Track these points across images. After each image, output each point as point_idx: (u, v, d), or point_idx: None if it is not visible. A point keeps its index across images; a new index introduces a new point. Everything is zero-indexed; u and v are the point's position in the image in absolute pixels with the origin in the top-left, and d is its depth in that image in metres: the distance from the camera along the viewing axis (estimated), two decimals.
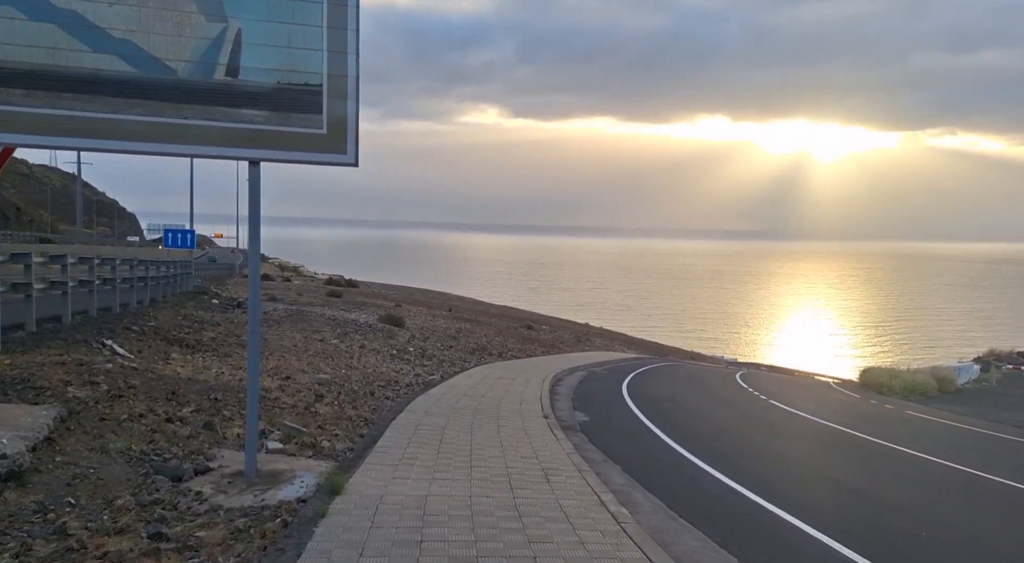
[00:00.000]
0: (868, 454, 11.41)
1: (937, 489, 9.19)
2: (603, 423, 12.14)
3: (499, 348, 25.68)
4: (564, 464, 7.82)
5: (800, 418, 15.92)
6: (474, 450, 8.19)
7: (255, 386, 6.82)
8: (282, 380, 12.88)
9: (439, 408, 11.30)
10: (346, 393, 12.27)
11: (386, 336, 22.35)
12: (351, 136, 6.57)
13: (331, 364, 15.65)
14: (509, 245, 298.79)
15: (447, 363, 19.47)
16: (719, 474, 8.43)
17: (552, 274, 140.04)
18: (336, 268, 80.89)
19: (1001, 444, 15.14)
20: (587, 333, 43.36)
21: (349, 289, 45.72)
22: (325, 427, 9.14)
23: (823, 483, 8.64)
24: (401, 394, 12.98)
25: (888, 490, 8.52)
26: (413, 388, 13.95)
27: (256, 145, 6.44)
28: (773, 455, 10.66)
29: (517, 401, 12.91)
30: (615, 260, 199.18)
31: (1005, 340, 63.63)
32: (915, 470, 10.26)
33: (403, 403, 11.75)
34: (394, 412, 10.69)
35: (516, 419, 10.70)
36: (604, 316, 69.01)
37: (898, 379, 29.97)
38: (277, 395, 11.22)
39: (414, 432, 9.12)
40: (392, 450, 7.97)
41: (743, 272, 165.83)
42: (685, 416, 14.55)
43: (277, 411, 9.68)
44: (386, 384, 13.93)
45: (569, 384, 18.25)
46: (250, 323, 6.69)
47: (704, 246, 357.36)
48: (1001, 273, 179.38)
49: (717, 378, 27.67)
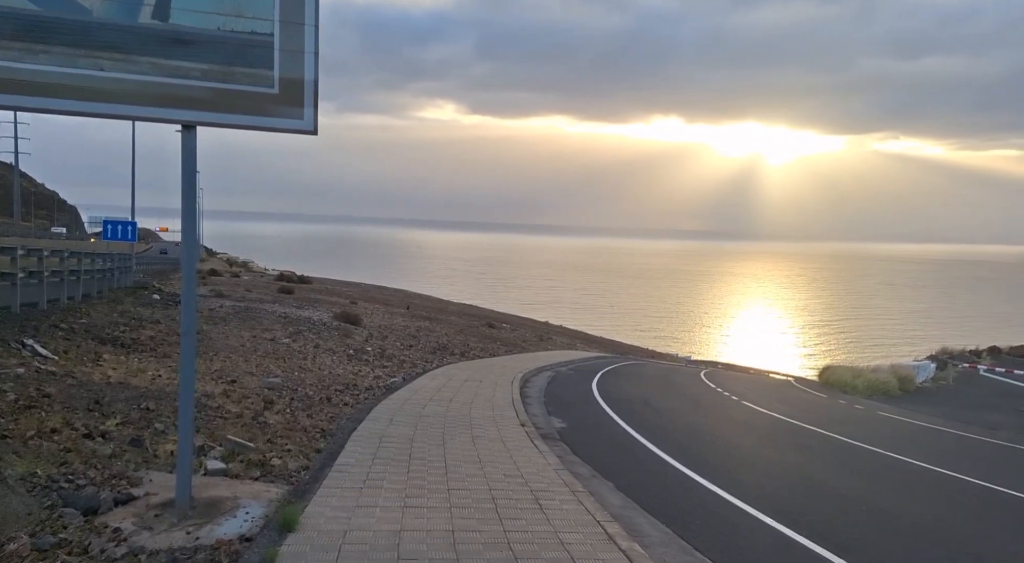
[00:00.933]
0: (868, 464, 10.70)
1: (953, 503, 8.49)
2: (582, 430, 11.21)
3: (461, 347, 24.62)
4: (553, 483, 6.83)
5: (780, 421, 15.26)
6: (450, 467, 7.15)
7: (189, 397, 5.66)
8: (227, 384, 11.62)
9: (405, 415, 10.21)
10: (299, 399, 11.08)
11: (342, 335, 21.09)
12: (309, 97, 5.46)
13: (283, 366, 14.39)
14: (467, 242, 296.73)
15: (408, 364, 18.33)
16: (723, 492, 7.56)
17: (510, 272, 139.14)
18: (288, 264, 78.48)
19: (988, 449, 14.73)
20: (548, 332, 42.54)
21: (302, 285, 44.01)
22: (276, 441, 7.99)
23: (841, 503, 7.80)
24: (361, 399, 11.84)
25: (915, 510, 7.75)
26: (374, 392, 12.81)
27: (191, 106, 5.29)
28: (769, 465, 9.86)
29: (489, 406, 11.90)
30: (573, 258, 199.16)
31: (946, 339, 65.08)
32: (924, 482, 9.55)
33: (364, 410, 10.63)
34: (355, 421, 9.57)
35: (491, 427, 9.69)
36: (562, 314, 68.38)
37: (861, 378, 29.79)
38: (221, 402, 9.99)
39: (379, 445, 8.04)
40: (354, 469, 6.88)
41: (697, 271, 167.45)
42: (664, 420, 13.73)
43: (219, 422, 8.47)
44: (344, 388, 12.77)
45: (538, 385, 17.30)
46: (183, 321, 5.52)
47: (659, 245, 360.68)
48: (939, 273, 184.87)
49: (682, 377, 27.07)
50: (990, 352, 43.12)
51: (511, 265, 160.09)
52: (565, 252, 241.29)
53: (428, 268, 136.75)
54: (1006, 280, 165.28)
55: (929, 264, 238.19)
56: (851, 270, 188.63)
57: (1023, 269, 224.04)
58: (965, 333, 67.35)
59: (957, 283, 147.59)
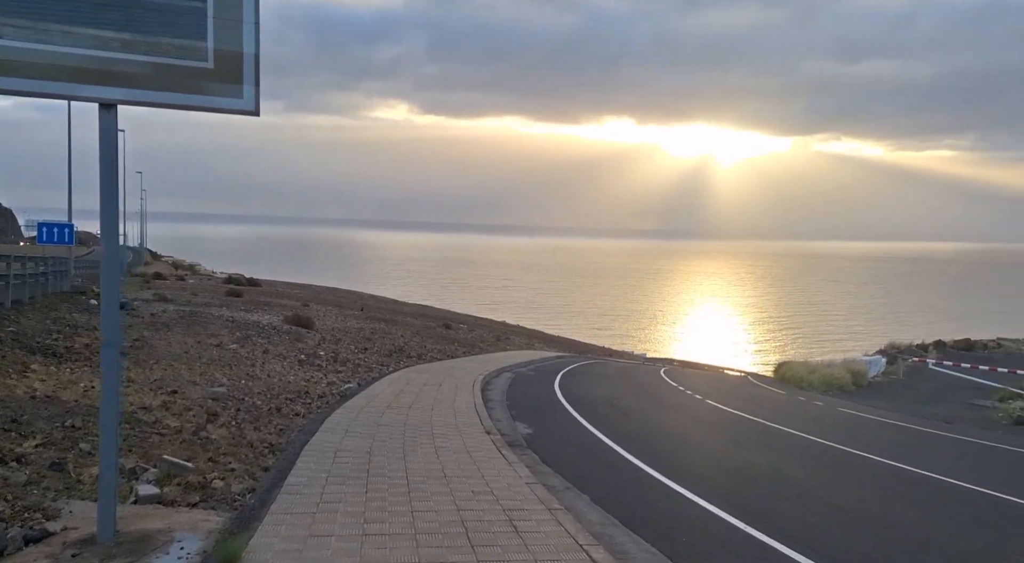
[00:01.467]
0: (850, 468, 10.36)
1: (946, 508, 8.20)
2: (550, 435, 10.68)
3: (418, 349, 23.92)
4: (527, 499, 6.28)
5: (748, 421, 15.00)
6: (413, 485, 6.53)
7: (113, 417, 4.93)
8: (167, 395, 10.78)
9: (361, 425, 9.53)
10: (246, 410, 10.31)
11: (293, 339, 20.20)
12: (249, 73, 4.80)
13: (229, 373, 13.54)
14: (421, 243, 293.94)
15: (363, 368, 17.59)
16: (707, 503, 7.09)
17: (465, 272, 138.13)
18: (237, 266, 76.10)
19: (955, 445, 14.70)
20: (506, 332, 42.01)
21: (251, 288, 42.59)
22: (219, 459, 7.26)
23: (828, 510, 7.41)
24: (314, 408, 11.11)
25: (917, 519, 7.40)
26: (327, 400, 12.08)
27: (110, 81, 4.58)
28: (749, 471, 9.48)
29: (450, 412, 11.29)
30: (527, 258, 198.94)
31: (888, 334, 66.85)
32: (914, 488, 9.24)
33: (317, 420, 9.92)
34: (307, 433, 8.87)
35: (455, 436, 9.09)
36: (518, 314, 68.00)
37: (816, 374, 30.03)
38: (159, 416, 9.18)
39: (333, 460, 7.37)
40: (307, 489, 6.22)
41: (649, 270, 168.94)
42: (632, 422, 13.31)
43: (156, 440, 7.70)
44: (295, 396, 12.00)
45: (499, 388, 16.74)
46: (104, 331, 4.79)
47: (612, 244, 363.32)
48: (879, 270, 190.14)
49: (643, 376, 26.84)
50: (936, 346, 44.11)
51: (466, 265, 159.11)
52: (520, 252, 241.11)
53: (382, 269, 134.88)
54: (940, 275, 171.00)
55: (869, 261, 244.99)
56: (797, 267, 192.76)
57: (955, 265, 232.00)
58: (905, 328, 69.31)
59: (895, 279, 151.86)
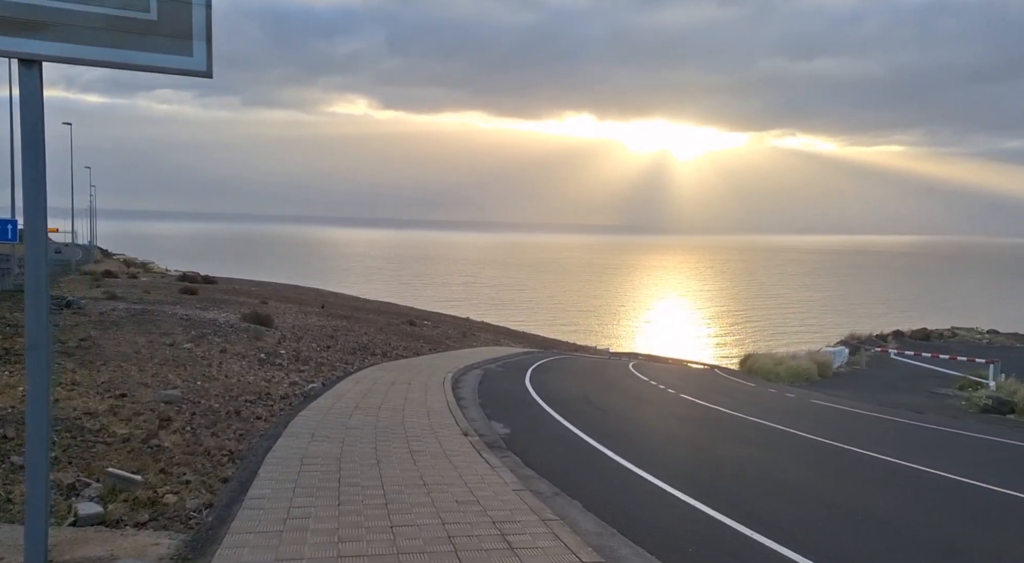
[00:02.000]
0: (849, 464, 9.94)
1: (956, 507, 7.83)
2: (529, 435, 10.14)
3: (383, 347, 23.20)
4: (517, 509, 5.72)
5: (726, 415, 14.66)
6: (390, 495, 5.92)
7: (41, 429, 4.21)
8: (115, 399, 9.95)
9: (329, 428, 8.87)
10: (203, 414, 9.55)
11: (252, 337, 19.32)
12: (200, 27, 4.13)
13: (183, 374, 12.70)
14: (381, 239, 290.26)
15: (327, 366, 16.84)
16: (705, 507, 6.62)
17: (426, 269, 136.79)
18: (192, 264, 73.90)
19: (930, 435, 14.56)
20: (471, 328, 41.41)
21: (206, 286, 41.20)
22: (171, 470, 6.54)
23: (851, 518, 6.96)
24: (276, 411, 10.38)
25: (920, 518, 7.02)
26: (291, 401, 11.35)
27: (32, 32, 3.87)
28: (735, 468, 9.07)
29: (423, 412, 10.67)
30: (488, 254, 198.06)
31: (844, 325, 68.14)
32: (913, 482, 8.88)
33: (280, 424, 9.21)
34: (269, 438, 8.17)
35: (430, 438, 8.48)
36: (482, 310, 67.43)
37: (782, 365, 30.07)
38: (105, 422, 8.39)
39: (300, 469, 6.72)
40: (271, 504, 5.56)
41: (610, 265, 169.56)
42: (611, 420, 12.84)
43: (100, 449, 6.94)
44: (256, 398, 11.25)
45: (470, 385, 16.16)
46: (28, 332, 4.06)
47: (573, 240, 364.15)
48: (832, 263, 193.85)
49: (612, 371, 26.52)
50: (894, 336, 44.86)
51: (428, 262, 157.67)
52: (481, 248, 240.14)
53: (342, 266, 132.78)
54: (890, 268, 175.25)
55: (822, 254, 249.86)
56: (753, 261, 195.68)
57: (903, 257, 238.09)
58: (859, 319, 70.70)
59: (848, 272, 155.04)
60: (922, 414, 18.78)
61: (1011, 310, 70.79)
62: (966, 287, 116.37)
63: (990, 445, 13.62)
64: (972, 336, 45.74)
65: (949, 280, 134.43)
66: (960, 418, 18.67)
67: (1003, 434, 15.29)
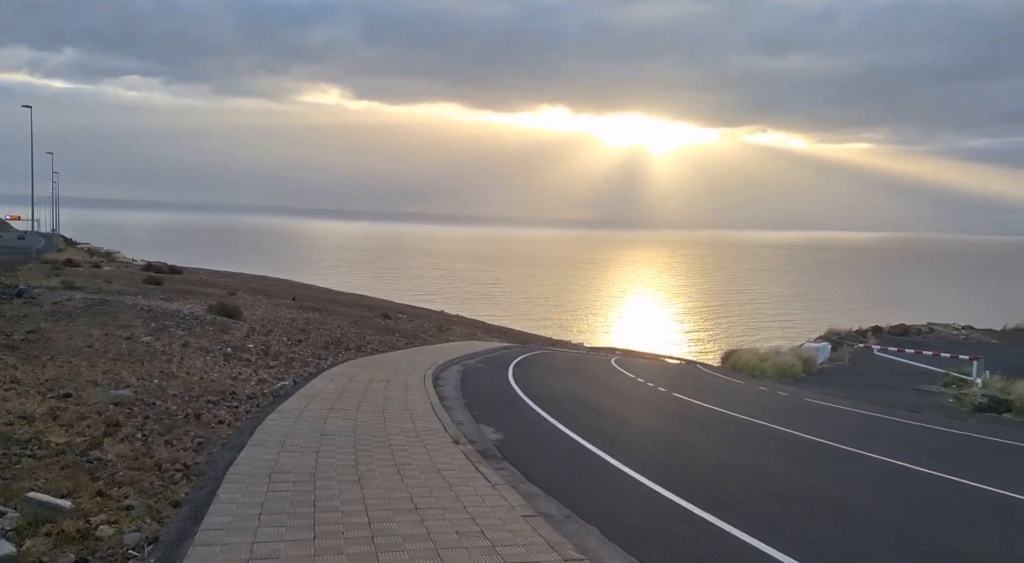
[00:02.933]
0: (889, 477, 9.00)
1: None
2: (524, 441, 9.17)
3: (357, 340, 22.09)
4: (532, 544, 4.75)
5: (726, 416, 13.82)
6: (376, 525, 4.91)
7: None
8: (58, 400, 8.79)
9: (301, 435, 7.82)
10: (157, 417, 8.43)
11: (218, 330, 18.11)
12: None
13: (139, 371, 11.52)
14: (354, 232, 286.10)
15: (299, 362, 15.72)
16: (750, 538, 5.70)
17: (399, 262, 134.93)
18: (160, 255, 71.47)
19: (935, 437, 13.88)
20: (446, 322, 40.31)
21: (172, 276, 39.55)
22: (111, 492, 5.46)
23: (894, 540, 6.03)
24: (242, 413, 9.27)
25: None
26: (258, 402, 10.26)
27: None
28: (767, 483, 8.19)
29: (406, 414, 9.65)
30: (462, 248, 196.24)
31: (817, 321, 68.44)
32: (976, 505, 7.78)
33: (245, 429, 8.14)
34: (232, 448, 7.11)
35: (417, 448, 7.47)
36: (456, 303, 66.36)
37: (767, 362, 29.45)
38: (42, 428, 7.26)
39: (267, 488, 5.68)
40: (231, 537, 4.54)
41: (584, 259, 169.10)
42: (606, 421, 11.94)
43: (28, 465, 5.84)
44: (219, 398, 10.13)
45: (451, 383, 15.17)
46: None
47: (548, 234, 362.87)
48: (805, 259, 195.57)
49: (596, 366, 25.69)
50: (873, 331, 44.67)
51: (401, 254, 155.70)
52: (455, 241, 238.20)
53: (314, 258, 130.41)
54: (861, 264, 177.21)
55: (793, 250, 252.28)
56: (725, 257, 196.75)
57: (872, 253, 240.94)
58: (829, 315, 71.07)
59: (818, 267, 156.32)
60: (920, 413, 18.18)
61: (976, 306, 71.53)
62: (933, 283, 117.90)
63: (1001, 449, 12.98)
64: (949, 332, 45.75)
65: (915, 276, 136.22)
66: (959, 418, 18.11)
67: (1009, 435, 14.69)
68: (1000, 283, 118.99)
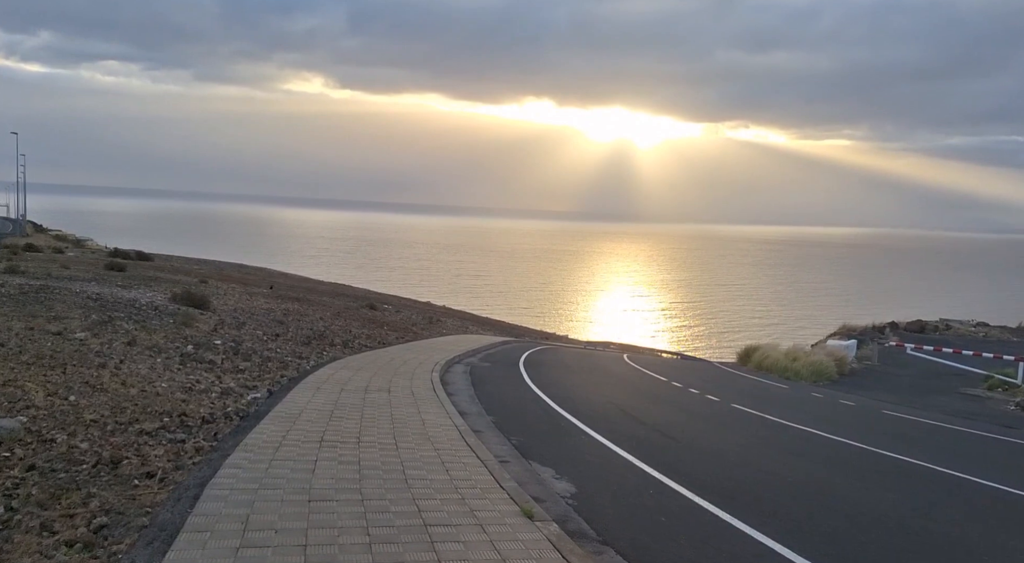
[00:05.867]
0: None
1: None
2: (613, 503, 6.16)
3: (343, 335, 19.07)
4: None
5: (823, 439, 10.94)
6: None
7: None
8: None
9: (276, 504, 4.80)
10: (48, 467, 5.38)
11: (179, 323, 14.96)
12: None
13: (54, 381, 8.38)
14: (335, 221, 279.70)
15: (275, 363, 12.66)
16: None
17: (381, 251, 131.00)
18: (135, 242, 67.01)
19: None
20: (435, 313, 37.25)
21: (140, 263, 36.10)
22: None
23: None
24: (188, 452, 6.24)
25: None
26: (217, 428, 7.22)
27: None
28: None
29: (428, 448, 6.66)
30: (445, 238, 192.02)
31: (815, 317, 66.45)
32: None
33: (189, 487, 5.12)
34: (161, 531, 4.11)
35: (465, 521, 4.49)
36: (440, 294, 63.32)
37: (798, 362, 26.67)
38: None
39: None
40: None
41: (567, 251, 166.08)
42: (694, 456, 8.94)
43: None
44: (160, 425, 7.06)
45: (463, 390, 12.21)
46: None
47: (533, 226, 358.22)
48: (786, 254, 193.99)
49: (613, 365, 22.84)
50: (891, 327, 42.29)
51: (382, 244, 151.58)
52: (438, 231, 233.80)
53: (293, 247, 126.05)
54: (844, 259, 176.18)
55: (775, 245, 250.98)
56: (712, 250, 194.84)
57: (857, 249, 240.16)
58: (824, 310, 69.20)
59: (804, 263, 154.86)
60: (1012, 428, 15.49)
61: (964, 302, 69.80)
62: (929, 279, 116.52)
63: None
64: (966, 329, 43.49)
65: (900, 272, 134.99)
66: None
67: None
68: (983, 279, 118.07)
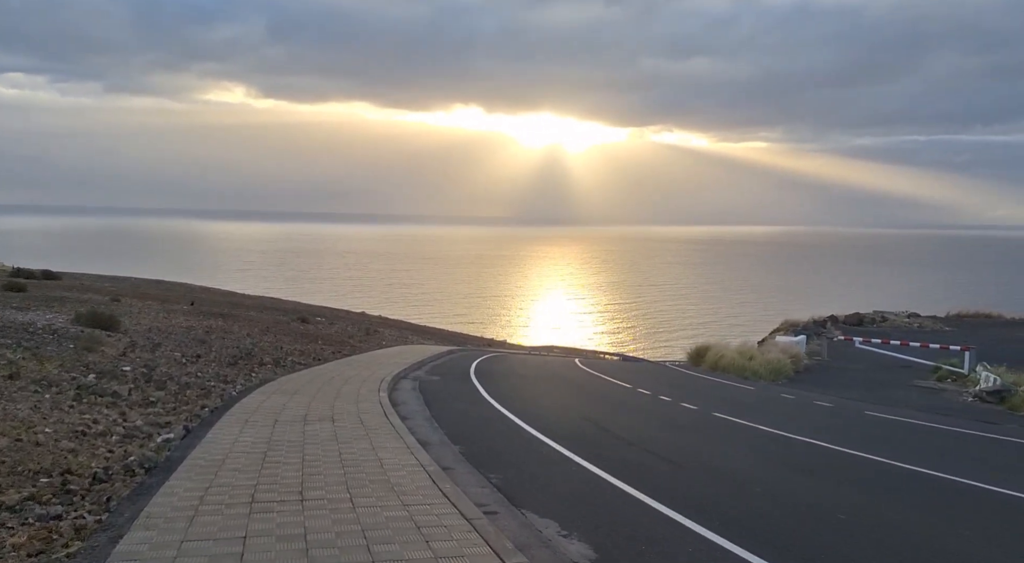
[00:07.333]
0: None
1: None
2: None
3: (273, 352, 17.20)
4: None
5: (825, 450, 9.84)
6: None
7: None
8: None
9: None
10: None
11: (81, 348, 12.85)
12: None
13: None
14: (261, 233, 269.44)
15: (195, 391, 10.81)
16: None
17: (310, 262, 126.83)
18: (44, 261, 61.96)
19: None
20: (371, 324, 35.29)
21: (46, 282, 32.85)
22: None
23: None
24: (63, 536, 4.48)
25: None
26: (111, 491, 5.47)
27: None
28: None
29: (395, 503, 5.10)
30: (377, 247, 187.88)
31: (742, 314, 67.43)
32: None
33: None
34: None
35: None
36: (374, 304, 61.17)
37: (755, 360, 25.90)
38: None
39: None
40: None
41: (502, 256, 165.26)
42: (701, 482, 7.62)
43: None
44: (31, 491, 5.26)
45: (418, 413, 10.62)
46: None
47: (466, 232, 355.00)
48: (711, 252, 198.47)
49: (569, 372, 21.58)
50: (831, 321, 42.55)
51: (311, 255, 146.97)
52: (369, 240, 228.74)
53: (217, 261, 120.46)
54: (770, 255, 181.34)
55: (703, 244, 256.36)
56: (643, 251, 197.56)
57: (777, 246, 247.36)
58: (748, 307, 70.38)
59: (727, 261, 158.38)
60: (995, 424, 14.87)
61: (888, 295, 71.97)
62: (847, 273, 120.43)
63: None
64: (900, 320, 44.20)
65: (825, 267, 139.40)
66: (996, 422, 15.00)
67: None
68: (900, 272, 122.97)
